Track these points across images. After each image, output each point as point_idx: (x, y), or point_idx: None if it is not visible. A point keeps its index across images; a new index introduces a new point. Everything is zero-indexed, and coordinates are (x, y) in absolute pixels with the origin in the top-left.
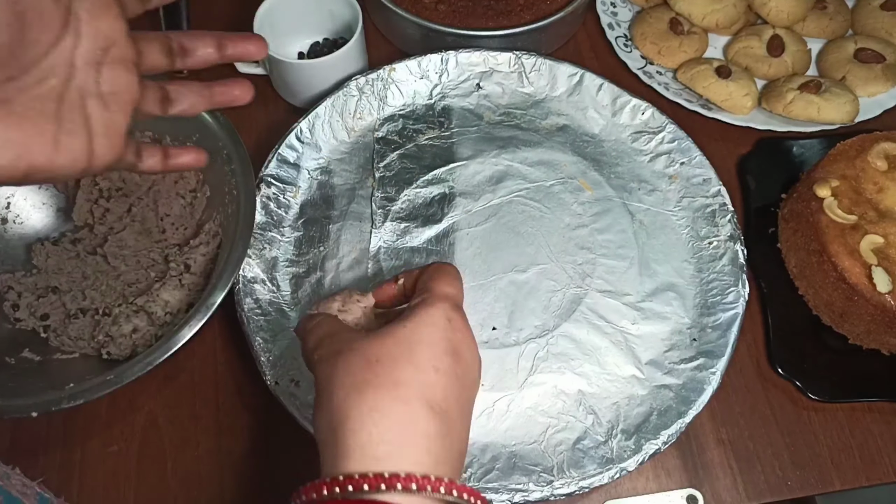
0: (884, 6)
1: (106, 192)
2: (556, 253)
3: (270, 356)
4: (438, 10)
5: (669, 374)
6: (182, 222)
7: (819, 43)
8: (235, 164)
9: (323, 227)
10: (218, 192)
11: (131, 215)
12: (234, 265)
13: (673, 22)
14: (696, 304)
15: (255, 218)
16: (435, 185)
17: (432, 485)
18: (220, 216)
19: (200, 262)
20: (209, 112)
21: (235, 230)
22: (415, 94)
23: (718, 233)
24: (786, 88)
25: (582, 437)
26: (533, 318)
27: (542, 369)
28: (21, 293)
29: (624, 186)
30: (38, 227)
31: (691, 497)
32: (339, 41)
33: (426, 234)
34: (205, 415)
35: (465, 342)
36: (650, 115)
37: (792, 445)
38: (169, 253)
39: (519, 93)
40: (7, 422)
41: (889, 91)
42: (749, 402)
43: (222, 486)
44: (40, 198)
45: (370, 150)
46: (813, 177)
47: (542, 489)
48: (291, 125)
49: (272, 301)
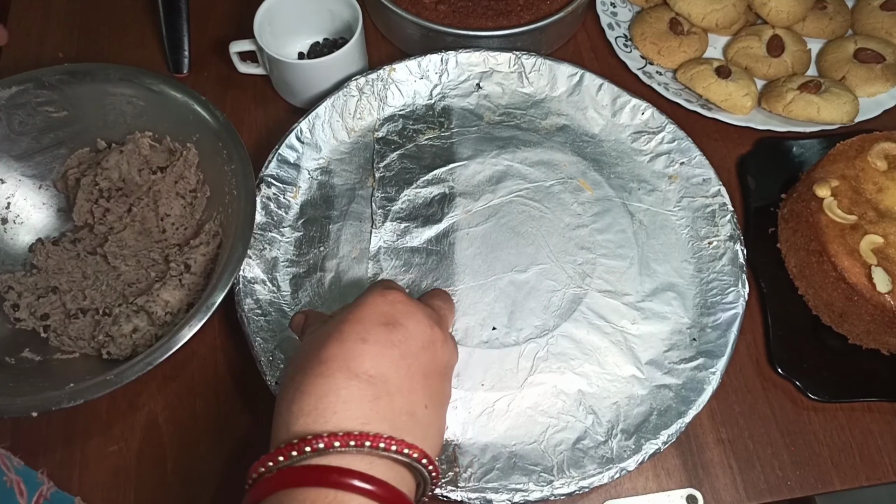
0: (884, 6)
1: (106, 192)
2: (556, 253)
3: (270, 356)
4: (438, 10)
5: (669, 373)
6: (182, 222)
7: (819, 43)
8: (236, 164)
9: (323, 228)
10: (218, 192)
11: (131, 215)
12: (234, 265)
13: (673, 22)
14: (696, 303)
15: (255, 217)
16: (435, 185)
17: (372, 440)
18: (220, 216)
19: (200, 261)
20: (209, 111)
21: (235, 230)
22: (415, 94)
23: (718, 233)
24: (785, 88)
25: (582, 437)
26: (533, 318)
27: (542, 369)
28: (21, 293)
29: (624, 186)
30: (39, 226)
31: (691, 497)
32: (339, 41)
33: (426, 234)
34: (205, 415)
35: (405, 312)
36: (650, 115)
37: (792, 445)
38: (169, 253)
39: (519, 93)
40: (7, 422)
41: (889, 91)
42: (749, 402)
43: (222, 486)
44: (40, 198)
45: (370, 150)
46: (813, 177)
47: (542, 489)
48: (291, 125)
49: (272, 301)
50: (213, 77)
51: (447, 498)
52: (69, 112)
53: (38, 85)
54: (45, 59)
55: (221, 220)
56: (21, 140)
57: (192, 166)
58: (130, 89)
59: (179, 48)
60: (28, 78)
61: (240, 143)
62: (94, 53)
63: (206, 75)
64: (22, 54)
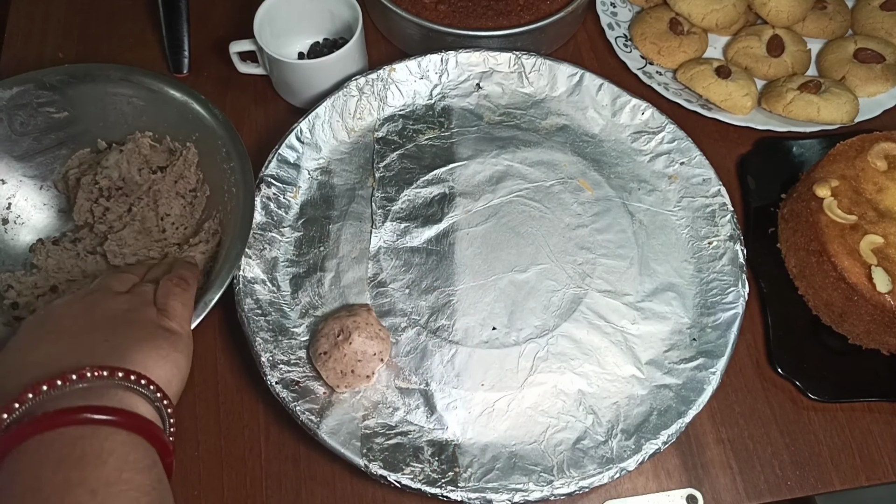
0: (884, 6)
1: (106, 191)
2: (556, 253)
3: (270, 356)
4: (438, 10)
5: (669, 373)
6: (182, 222)
7: (819, 43)
8: (235, 162)
9: (323, 227)
10: (218, 191)
11: (131, 215)
12: (232, 262)
13: (673, 22)
14: (696, 303)
15: (254, 214)
16: (435, 185)
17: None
18: (219, 214)
19: (200, 260)
20: (208, 110)
21: (234, 227)
22: (415, 94)
23: (718, 233)
24: (785, 88)
25: (582, 437)
26: (533, 318)
27: (542, 369)
28: (20, 292)
29: (624, 186)
30: (39, 227)
31: (691, 497)
32: (339, 41)
33: (426, 234)
34: (205, 415)
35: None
36: (650, 115)
37: (792, 445)
38: (169, 251)
39: (519, 93)
40: None
41: (889, 91)
42: (749, 402)
43: (222, 486)
44: (41, 198)
45: (370, 150)
46: (813, 177)
47: (542, 489)
48: (291, 125)
49: (272, 301)
50: (213, 77)
51: (447, 498)
52: (70, 113)
53: (39, 86)
54: (45, 59)
55: (221, 218)
56: (22, 141)
57: (191, 165)
58: (130, 89)
59: (179, 48)
60: (29, 79)
61: (238, 141)
62: (93, 53)
63: (206, 75)
64: (22, 54)
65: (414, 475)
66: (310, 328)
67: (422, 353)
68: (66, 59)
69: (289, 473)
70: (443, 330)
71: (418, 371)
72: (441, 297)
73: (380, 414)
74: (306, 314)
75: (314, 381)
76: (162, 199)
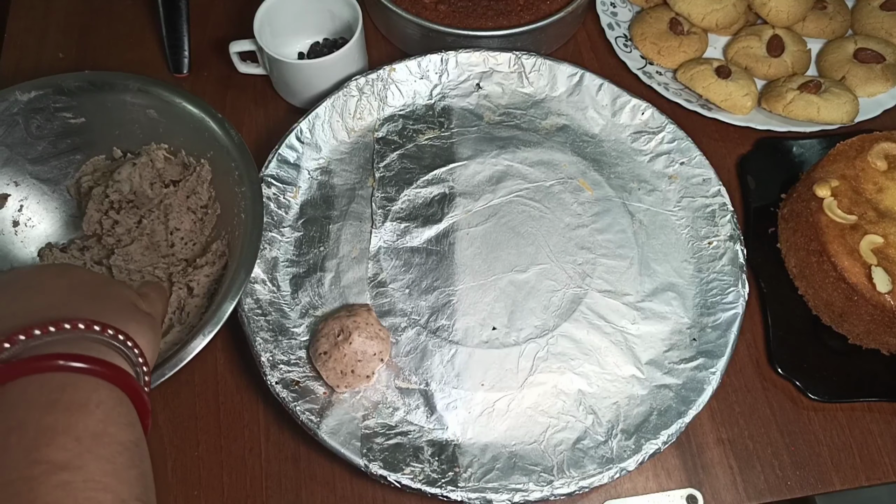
0: (884, 6)
1: (116, 203)
2: (556, 253)
3: (270, 356)
4: (438, 10)
5: (669, 373)
6: (192, 237)
7: (819, 43)
8: (246, 187)
9: (323, 227)
10: (228, 212)
11: (141, 228)
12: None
13: (673, 22)
14: (696, 303)
15: (260, 244)
16: (435, 185)
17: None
18: (228, 236)
19: (204, 283)
20: (224, 130)
21: (240, 254)
22: (415, 94)
23: (718, 233)
24: (785, 88)
25: (582, 437)
26: (533, 318)
27: (542, 369)
28: None
29: (624, 186)
30: (49, 231)
31: (691, 497)
32: (339, 41)
33: (426, 234)
34: (205, 415)
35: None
36: (650, 115)
37: (792, 445)
38: (173, 272)
39: (519, 93)
40: None
41: (889, 91)
42: (749, 402)
43: (222, 486)
44: (53, 203)
45: (370, 150)
46: (813, 177)
47: (542, 489)
48: (291, 125)
49: (272, 301)
50: (213, 77)
51: (447, 498)
52: (86, 119)
53: (57, 91)
54: (45, 59)
55: (229, 240)
56: (37, 144)
57: (204, 182)
58: (148, 101)
59: (179, 48)
60: (47, 83)
61: (252, 166)
62: (94, 53)
63: (206, 75)
64: (22, 54)
65: (414, 475)
66: (310, 328)
67: (422, 353)
68: (66, 60)
69: (289, 473)
70: (443, 330)
71: (418, 371)
72: (441, 297)
73: (380, 414)
74: (306, 314)
75: (314, 381)
76: (173, 213)
